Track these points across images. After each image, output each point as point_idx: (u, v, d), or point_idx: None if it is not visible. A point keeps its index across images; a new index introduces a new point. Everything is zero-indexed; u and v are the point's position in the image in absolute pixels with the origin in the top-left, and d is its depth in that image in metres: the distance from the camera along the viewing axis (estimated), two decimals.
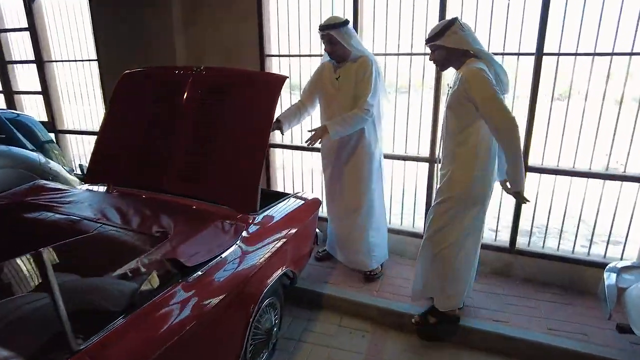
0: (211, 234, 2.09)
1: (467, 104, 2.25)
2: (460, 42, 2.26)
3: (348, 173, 3.00)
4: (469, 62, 2.29)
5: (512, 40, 2.84)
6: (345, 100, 2.82)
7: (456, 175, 2.39)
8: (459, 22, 2.27)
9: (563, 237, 3.09)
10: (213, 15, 3.58)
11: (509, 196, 2.43)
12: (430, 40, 2.32)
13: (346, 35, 2.69)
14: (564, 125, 2.86)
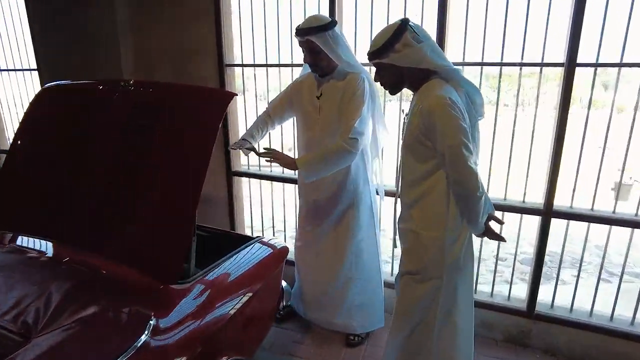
0: (97, 336, 1.42)
1: (428, 143, 1.61)
2: (416, 59, 1.59)
3: (327, 219, 2.34)
4: (431, 85, 1.63)
5: (514, 49, 2.19)
6: (327, 125, 2.16)
7: (423, 239, 1.73)
8: (412, 29, 1.60)
9: (598, 296, 2.41)
10: (162, 15, 2.95)
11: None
12: (373, 57, 1.66)
13: (332, 41, 2.02)
14: (601, 160, 2.19)
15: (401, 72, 1.64)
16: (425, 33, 1.63)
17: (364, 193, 2.29)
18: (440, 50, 1.66)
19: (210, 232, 2.61)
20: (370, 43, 1.65)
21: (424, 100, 1.59)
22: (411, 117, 1.65)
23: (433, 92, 1.58)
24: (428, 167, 1.65)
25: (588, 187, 2.26)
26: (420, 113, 1.58)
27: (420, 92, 1.66)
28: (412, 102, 1.71)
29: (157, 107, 2.01)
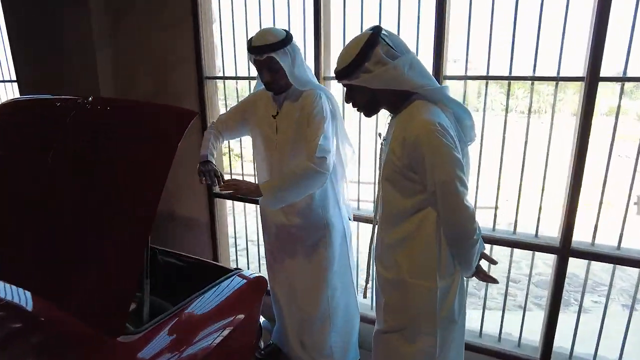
0: None
1: (413, 177, 1.34)
2: (391, 80, 1.31)
3: (298, 249, 2.07)
4: (415, 108, 1.35)
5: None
6: (285, 145, 1.91)
7: (411, 288, 1.44)
8: (385, 41, 1.31)
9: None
10: (140, 23, 2.73)
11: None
12: (339, 78, 1.38)
13: (291, 57, 1.78)
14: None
15: (375, 94, 1.36)
16: (402, 45, 1.34)
17: (334, 217, 2.04)
18: (422, 66, 1.37)
19: (185, 261, 2.37)
20: (337, 59, 1.37)
21: (407, 126, 1.30)
22: (392, 145, 1.36)
23: (418, 116, 1.30)
24: (414, 202, 1.37)
25: (612, 212, 1.93)
26: (404, 142, 1.30)
27: (401, 116, 1.37)
28: (391, 125, 1.43)
29: (111, 130, 1.77)
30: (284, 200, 1.79)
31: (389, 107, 1.42)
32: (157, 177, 1.59)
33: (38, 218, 1.76)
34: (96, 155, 1.74)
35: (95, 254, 1.61)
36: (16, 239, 1.76)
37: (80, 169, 1.76)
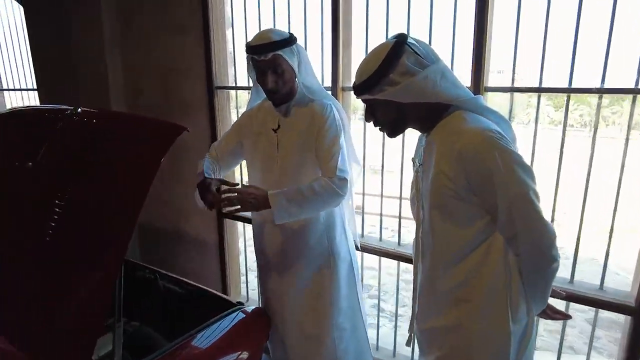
0: None
1: (472, 199, 1.10)
2: (421, 92, 1.11)
3: (298, 280, 1.76)
4: (456, 120, 1.14)
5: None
6: (288, 163, 1.64)
7: (476, 336, 1.16)
8: (412, 49, 1.11)
9: None
10: (149, 30, 2.55)
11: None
12: (359, 92, 1.17)
13: (299, 59, 1.55)
14: None
15: (403, 110, 1.15)
16: (432, 53, 1.14)
17: (341, 244, 1.75)
18: (453, 76, 1.16)
19: (186, 289, 2.16)
20: (356, 72, 1.16)
21: (458, 139, 1.08)
22: (440, 166, 1.11)
23: (468, 126, 1.10)
24: (475, 231, 1.13)
25: None
26: (459, 158, 1.06)
27: (441, 130, 1.15)
28: (428, 144, 1.18)
29: (92, 143, 1.57)
30: (293, 214, 1.53)
31: (418, 123, 1.21)
32: (135, 198, 1.36)
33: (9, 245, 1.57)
34: (73, 171, 1.54)
35: (57, 286, 1.39)
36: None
37: (55, 186, 1.56)
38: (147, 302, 2.23)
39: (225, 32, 2.37)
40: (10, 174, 1.70)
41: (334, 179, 1.52)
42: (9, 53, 3.63)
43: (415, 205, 1.26)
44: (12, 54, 3.62)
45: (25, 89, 3.60)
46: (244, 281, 3.02)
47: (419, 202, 1.23)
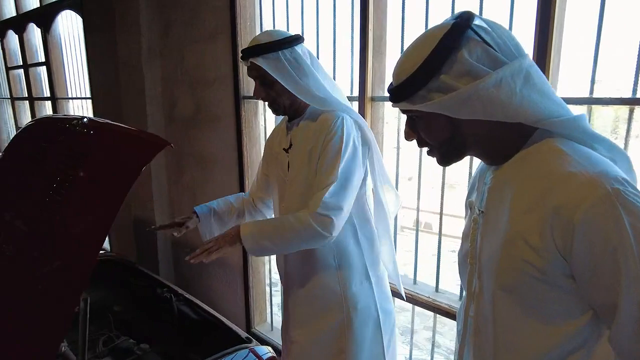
0: None
1: (569, 285, 0.68)
2: (492, 105, 0.70)
3: (310, 334, 1.45)
4: (553, 152, 0.71)
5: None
6: (296, 188, 1.37)
7: None
8: (478, 36, 0.71)
9: None
10: (183, 38, 2.47)
11: None
12: (395, 99, 0.78)
13: (291, 65, 1.26)
14: None
15: (460, 128, 0.76)
16: (512, 44, 0.73)
17: (360, 296, 1.39)
18: (545, 82, 0.73)
19: (199, 314, 2.03)
20: (394, 70, 0.79)
21: (551, 188, 0.68)
22: (511, 224, 0.73)
23: (567, 166, 0.68)
24: (568, 332, 0.72)
25: None
26: (557, 219, 0.67)
27: (521, 168, 0.75)
28: (496, 184, 0.80)
29: (82, 152, 1.46)
30: (266, 249, 1.30)
31: (484, 150, 0.80)
32: (105, 214, 1.20)
33: None
34: (56, 180, 1.45)
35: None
36: None
37: (39, 192, 1.47)
38: (161, 323, 2.12)
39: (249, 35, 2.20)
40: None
41: (314, 214, 1.22)
42: (74, 63, 3.82)
43: (467, 270, 0.86)
44: (77, 63, 3.80)
45: (83, 97, 3.75)
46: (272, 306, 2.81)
47: (474, 266, 0.83)
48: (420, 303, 1.75)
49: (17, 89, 4.69)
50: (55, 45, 3.88)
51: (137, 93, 2.72)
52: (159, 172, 2.84)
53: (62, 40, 3.88)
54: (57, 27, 3.83)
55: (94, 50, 3.20)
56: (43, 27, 3.87)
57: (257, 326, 2.49)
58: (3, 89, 5.06)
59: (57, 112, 4.05)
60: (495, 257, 0.75)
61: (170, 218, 2.86)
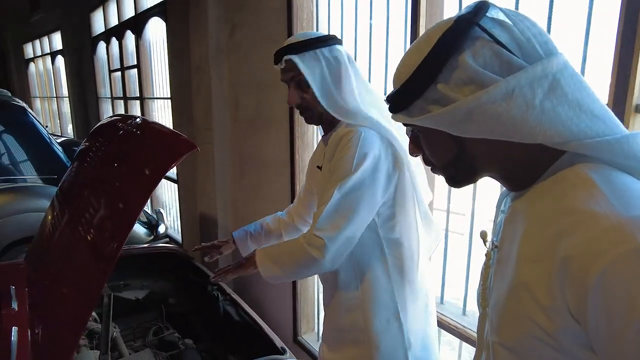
0: None
1: (582, 355, 0.52)
2: (499, 123, 0.56)
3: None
4: (575, 184, 0.54)
5: None
6: None
7: None
8: (487, 34, 0.56)
9: None
10: (246, 39, 2.50)
11: None
12: (393, 109, 0.66)
13: (328, 67, 1.15)
14: None
15: (464, 147, 0.64)
16: (538, 41, 0.57)
17: (385, 335, 1.22)
18: (582, 89, 0.57)
19: (242, 316, 2.04)
20: (395, 72, 0.68)
21: (568, 230, 0.52)
22: (518, 270, 0.59)
23: (596, 205, 0.51)
24: None
25: None
26: (567, 273, 0.51)
27: (540, 198, 0.60)
28: (509, 214, 0.66)
29: (119, 152, 1.53)
30: (277, 277, 1.21)
31: (500, 174, 0.66)
32: (131, 208, 1.23)
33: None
34: (100, 177, 1.53)
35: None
36: None
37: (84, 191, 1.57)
38: (207, 321, 2.17)
39: None
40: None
41: (307, 235, 1.12)
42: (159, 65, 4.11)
43: (480, 312, 0.73)
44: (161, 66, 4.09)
45: (164, 97, 4.02)
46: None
47: (485, 310, 0.70)
48: (446, 327, 1.56)
49: (115, 90, 5.19)
50: (145, 49, 4.22)
51: (205, 94, 2.82)
52: (224, 171, 2.92)
53: (150, 45, 4.20)
54: (147, 33, 4.15)
55: (173, 54, 3.40)
56: (136, 33, 4.23)
57: (303, 334, 2.44)
58: (106, 90, 5.65)
59: (143, 111, 4.39)
60: (498, 307, 0.61)
61: (231, 216, 2.93)
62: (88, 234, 1.39)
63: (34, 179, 3.13)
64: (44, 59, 8.41)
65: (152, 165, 1.30)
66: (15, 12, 9.40)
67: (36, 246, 1.86)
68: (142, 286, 2.32)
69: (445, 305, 1.68)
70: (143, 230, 3.59)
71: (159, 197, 4.58)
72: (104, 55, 5.38)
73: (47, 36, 7.70)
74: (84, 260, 1.34)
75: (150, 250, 2.59)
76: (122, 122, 1.83)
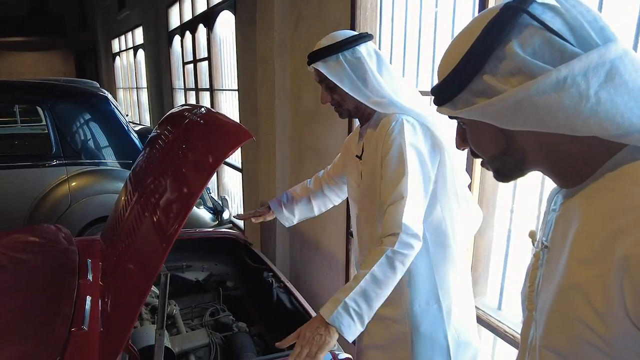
0: None
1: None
2: (550, 114, 0.51)
3: (372, 346, 1.38)
4: (636, 173, 0.50)
5: None
6: (368, 199, 1.30)
7: None
8: (537, 20, 0.52)
9: None
10: (309, 31, 2.50)
11: None
12: (438, 101, 0.64)
13: (350, 67, 1.19)
14: None
15: (514, 140, 0.60)
16: (594, 28, 0.52)
17: (421, 317, 1.25)
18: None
19: (293, 304, 2.07)
20: (439, 65, 0.67)
21: (628, 228, 0.48)
22: (569, 270, 0.56)
23: None
24: None
25: None
26: (626, 273, 0.47)
27: (597, 196, 0.55)
28: (561, 213, 0.62)
29: (185, 139, 1.60)
30: (363, 317, 1.08)
31: (551, 169, 0.62)
32: (191, 192, 1.29)
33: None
34: (167, 164, 1.62)
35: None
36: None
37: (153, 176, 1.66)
38: (261, 306, 2.22)
39: (375, 30, 2.11)
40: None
41: (394, 242, 1.07)
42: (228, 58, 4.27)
43: (526, 315, 0.69)
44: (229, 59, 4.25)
45: (232, 89, 4.16)
46: None
47: (532, 313, 0.66)
48: (480, 320, 1.49)
49: (188, 81, 5.49)
50: (215, 42, 4.40)
51: (269, 86, 2.88)
52: (284, 161, 2.98)
53: (220, 38, 4.37)
54: (217, 27, 4.32)
55: (241, 46, 3.51)
56: (208, 27, 4.42)
57: None
58: (180, 81, 5.98)
59: (213, 102, 4.59)
60: (546, 308, 0.58)
61: None
62: (153, 214, 1.49)
63: (113, 163, 3.40)
64: (127, 53, 9.10)
65: (211, 152, 1.36)
66: (106, 11, 10.25)
67: (109, 224, 2.02)
68: (202, 268, 2.43)
69: (481, 299, 1.62)
70: (209, 215, 3.76)
71: (225, 184, 4.78)
72: (179, 48, 5.69)
73: (130, 32, 8.31)
74: (148, 238, 1.43)
75: (212, 234, 2.70)
76: (188, 111, 1.93)
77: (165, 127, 2.00)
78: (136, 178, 1.95)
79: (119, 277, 1.52)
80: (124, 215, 1.82)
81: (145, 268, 1.30)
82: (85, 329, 1.39)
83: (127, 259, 1.53)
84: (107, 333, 1.35)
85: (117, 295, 1.44)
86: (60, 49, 17.13)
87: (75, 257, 1.86)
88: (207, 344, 1.77)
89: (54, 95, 3.30)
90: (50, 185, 3.14)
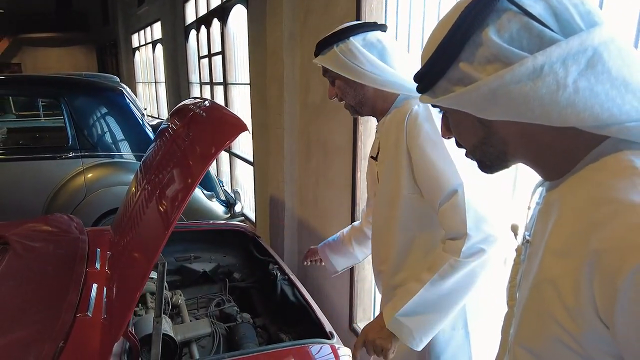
0: None
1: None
2: (525, 103, 0.50)
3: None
4: (615, 172, 0.47)
5: None
6: (383, 202, 1.22)
7: None
8: (515, 4, 0.50)
9: None
10: (317, 25, 2.50)
11: None
12: (419, 88, 0.63)
13: (349, 57, 1.12)
14: None
15: (490, 130, 0.59)
16: (579, 12, 0.50)
17: (444, 344, 1.13)
18: (630, 64, 0.49)
19: (297, 297, 2.08)
20: (423, 51, 0.66)
21: (602, 220, 0.46)
22: (544, 265, 0.54)
23: (636, 195, 0.45)
24: None
25: None
26: (598, 268, 0.45)
27: (577, 188, 0.54)
28: (543, 206, 0.60)
29: (188, 131, 1.63)
30: (426, 330, 1.04)
31: (533, 160, 0.60)
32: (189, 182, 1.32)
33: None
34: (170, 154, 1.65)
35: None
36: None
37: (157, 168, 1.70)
38: (266, 298, 2.25)
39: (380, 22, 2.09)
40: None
41: (457, 249, 0.97)
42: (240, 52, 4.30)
43: (507, 311, 0.67)
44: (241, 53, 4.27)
45: (244, 83, 4.19)
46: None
47: (512, 310, 0.65)
48: None
49: (203, 75, 5.55)
50: (229, 37, 4.43)
51: (278, 79, 2.89)
52: (292, 156, 2.99)
53: (234, 33, 4.40)
54: (231, 21, 4.35)
55: (252, 40, 3.52)
56: (222, 21, 4.46)
57: (359, 322, 2.43)
58: (195, 75, 6.06)
59: (226, 96, 4.63)
60: (521, 304, 0.57)
61: (297, 199, 2.99)
62: (157, 201, 1.52)
63: (128, 155, 3.48)
64: (146, 47, 9.25)
65: (210, 143, 1.37)
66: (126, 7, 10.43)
67: (119, 214, 2.07)
68: (210, 259, 2.47)
69: None
70: (222, 208, 3.82)
71: (237, 177, 4.83)
72: (195, 42, 5.76)
73: (149, 27, 8.44)
74: (150, 225, 1.47)
75: (221, 226, 2.74)
76: (194, 104, 1.96)
77: (173, 119, 2.04)
78: (144, 169, 1.99)
79: (123, 264, 1.56)
80: (130, 206, 1.87)
81: (145, 253, 1.34)
82: (90, 315, 1.44)
83: (130, 247, 1.58)
84: (109, 319, 1.39)
85: (119, 282, 1.49)
86: (84, 44, 17.58)
87: (86, 246, 1.91)
88: (210, 333, 1.81)
89: (71, 89, 3.39)
90: (67, 177, 3.23)
